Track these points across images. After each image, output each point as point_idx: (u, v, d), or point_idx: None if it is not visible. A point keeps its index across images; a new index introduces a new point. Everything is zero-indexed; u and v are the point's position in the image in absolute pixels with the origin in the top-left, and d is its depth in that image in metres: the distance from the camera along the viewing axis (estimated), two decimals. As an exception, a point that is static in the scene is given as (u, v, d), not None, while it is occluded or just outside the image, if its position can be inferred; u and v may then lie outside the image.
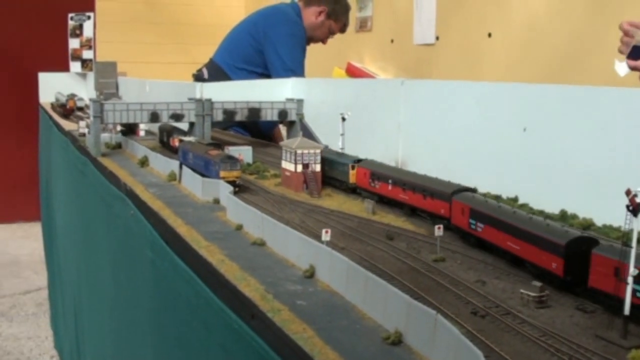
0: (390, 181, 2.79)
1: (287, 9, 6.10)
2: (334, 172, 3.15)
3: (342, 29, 6.32)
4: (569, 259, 1.78)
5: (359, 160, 3.05)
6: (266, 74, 5.84)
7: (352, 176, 3.03)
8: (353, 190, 3.03)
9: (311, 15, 6.08)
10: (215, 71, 5.99)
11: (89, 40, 8.61)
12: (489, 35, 6.04)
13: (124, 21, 11.40)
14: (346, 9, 6.24)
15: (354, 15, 7.31)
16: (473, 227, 2.21)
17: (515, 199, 2.67)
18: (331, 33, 6.25)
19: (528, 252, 1.93)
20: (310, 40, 6.20)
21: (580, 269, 1.74)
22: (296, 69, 5.64)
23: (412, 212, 2.67)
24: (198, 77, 6.10)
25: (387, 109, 3.58)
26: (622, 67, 3.06)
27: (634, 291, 1.60)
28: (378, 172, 2.88)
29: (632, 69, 3.05)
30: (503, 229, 2.05)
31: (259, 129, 5.63)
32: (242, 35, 6.11)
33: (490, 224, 2.12)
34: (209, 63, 6.23)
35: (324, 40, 6.31)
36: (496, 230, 2.09)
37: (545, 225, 1.92)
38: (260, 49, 5.93)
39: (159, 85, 5.66)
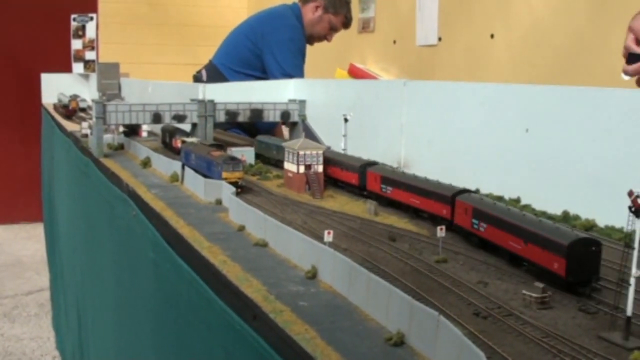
0: None
1: (286, 12, 6.04)
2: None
3: (345, 24, 6.20)
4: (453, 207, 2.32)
5: None
6: (264, 78, 5.78)
7: None
8: None
9: (309, 12, 6.02)
10: (214, 73, 5.95)
11: (91, 41, 8.61)
12: (492, 36, 6.04)
13: (127, 22, 11.39)
14: (345, 1, 6.14)
15: (356, 17, 7.29)
16: (384, 190, 2.78)
17: (518, 200, 2.67)
18: (333, 29, 6.14)
19: (425, 204, 2.49)
20: (311, 38, 6.14)
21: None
22: (294, 75, 5.58)
23: (335, 183, 3.16)
24: (197, 79, 6.07)
25: (390, 110, 3.58)
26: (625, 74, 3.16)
27: (472, 224, 2.15)
28: None
29: (630, 73, 3.13)
30: (405, 189, 2.63)
31: (257, 130, 5.61)
32: (240, 39, 6.05)
33: (396, 186, 2.69)
34: (208, 65, 6.19)
35: (327, 37, 6.21)
36: (399, 191, 2.67)
37: (436, 184, 2.48)
38: (258, 53, 5.89)
39: (162, 87, 5.66)
